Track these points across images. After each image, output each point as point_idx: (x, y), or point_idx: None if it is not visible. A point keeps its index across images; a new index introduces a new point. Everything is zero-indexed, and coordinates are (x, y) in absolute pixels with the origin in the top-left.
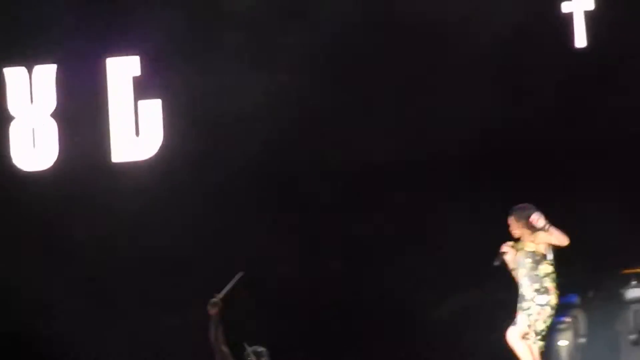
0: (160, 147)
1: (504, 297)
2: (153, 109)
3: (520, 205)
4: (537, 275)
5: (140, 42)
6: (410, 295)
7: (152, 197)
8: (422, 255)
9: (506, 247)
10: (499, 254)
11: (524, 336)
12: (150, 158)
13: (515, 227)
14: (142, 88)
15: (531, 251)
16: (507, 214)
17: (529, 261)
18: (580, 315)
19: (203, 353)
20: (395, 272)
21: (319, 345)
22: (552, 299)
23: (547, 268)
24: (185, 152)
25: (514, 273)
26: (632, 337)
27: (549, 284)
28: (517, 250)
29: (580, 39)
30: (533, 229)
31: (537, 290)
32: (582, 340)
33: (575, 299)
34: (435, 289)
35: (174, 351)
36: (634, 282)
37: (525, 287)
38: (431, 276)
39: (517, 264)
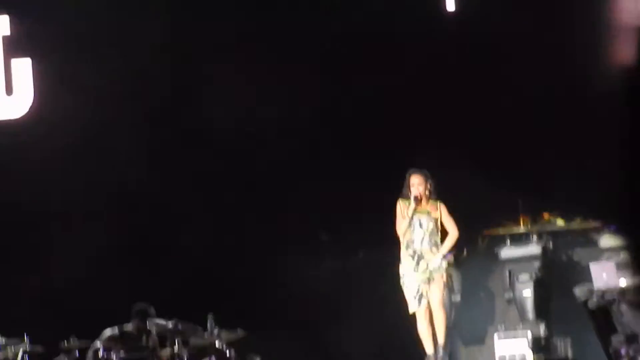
0: (32, 106)
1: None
2: (24, 68)
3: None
4: (437, 241)
5: (10, 1)
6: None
7: (23, 156)
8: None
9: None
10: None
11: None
12: (22, 117)
13: (421, 188)
14: (13, 47)
15: (434, 217)
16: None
17: (431, 225)
18: (454, 273)
19: None
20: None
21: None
22: (446, 262)
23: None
24: (56, 111)
25: (401, 231)
26: (507, 295)
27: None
28: (417, 212)
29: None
30: (433, 195)
31: (434, 254)
32: (457, 298)
33: (449, 257)
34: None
35: None
36: (509, 242)
37: (425, 250)
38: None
39: (413, 224)
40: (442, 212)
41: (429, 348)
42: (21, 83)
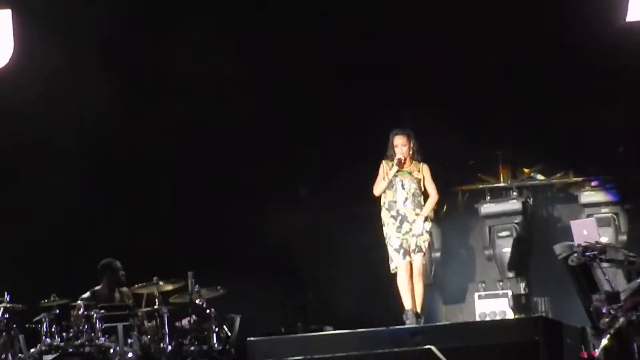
0: (12, 57)
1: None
2: (4, 19)
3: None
4: (420, 202)
5: None
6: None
7: (3, 107)
8: None
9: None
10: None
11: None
12: (3, 67)
13: (405, 148)
14: None
15: (417, 178)
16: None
17: (414, 186)
18: (434, 231)
19: None
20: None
21: None
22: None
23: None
24: (36, 62)
25: (378, 192)
26: (487, 252)
27: None
28: (400, 173)
29: None
30: (417, 156)
31: (417, 215)
32: (437, 255)
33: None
34: None
35: None
36: (488, 197)
37: (409, 210)
38: None
39: (395, 185)
40: (424, 175)
41: (407, 303)
42: (2, 34)
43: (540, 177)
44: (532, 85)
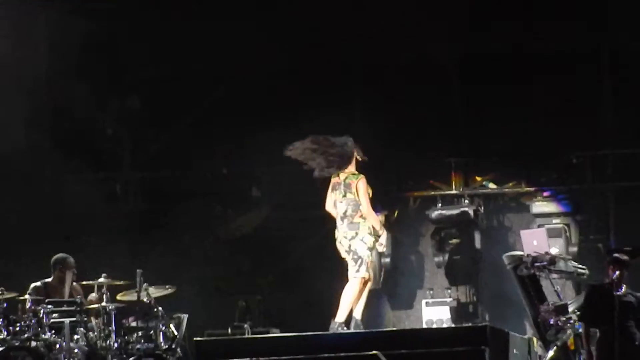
0: None
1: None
2: None
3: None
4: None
5: None
6: None
7: None
8: None
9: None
10: None
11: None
12: None
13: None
14: None
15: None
16: None
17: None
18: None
19: None
20: None
21: None
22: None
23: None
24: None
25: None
26: (437, 259)
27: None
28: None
29: None
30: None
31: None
32: (387, 260)
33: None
34: None
35: None
36: (440, 205)
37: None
38: None
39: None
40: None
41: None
42: None
43: (492, 185)
44: (488, 93)
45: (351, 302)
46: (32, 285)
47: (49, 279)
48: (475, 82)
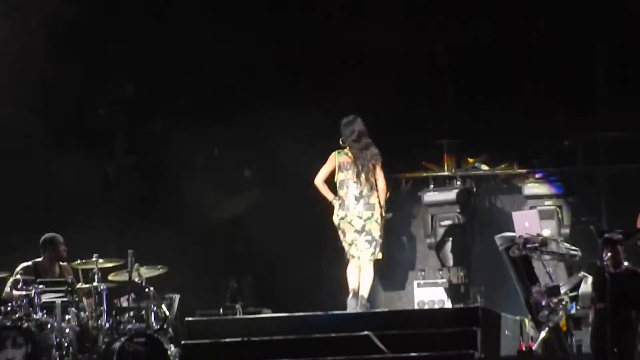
0: None
1: None
2: None
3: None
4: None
5: None
6: None
7: None
8: None
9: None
10: None
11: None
12: None
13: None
14: None
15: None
16: None
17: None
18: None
19: None
20: None
21: None
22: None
23: None
24: None
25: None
26: (428, 240)
27: None
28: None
29: None
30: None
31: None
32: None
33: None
34: None
35: None
36: (432, 186)
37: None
38: None
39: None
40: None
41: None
42: None
43: (484, 167)
44: (480, 75)
45: (370, 284)
46: (22, 265)
47: (39, 259)
48: (467, 64)
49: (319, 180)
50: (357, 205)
